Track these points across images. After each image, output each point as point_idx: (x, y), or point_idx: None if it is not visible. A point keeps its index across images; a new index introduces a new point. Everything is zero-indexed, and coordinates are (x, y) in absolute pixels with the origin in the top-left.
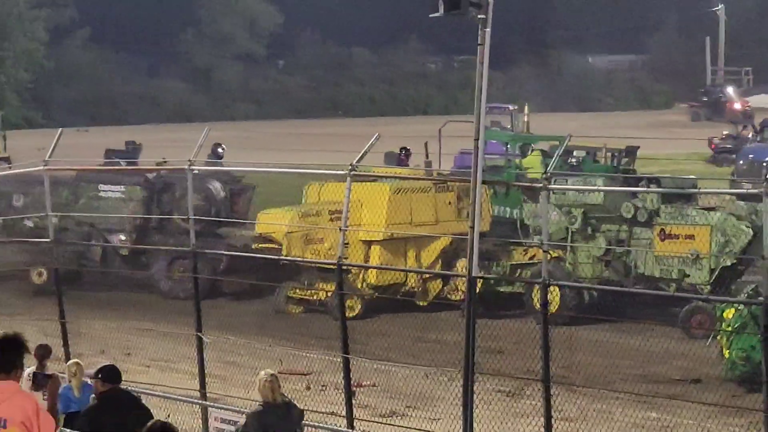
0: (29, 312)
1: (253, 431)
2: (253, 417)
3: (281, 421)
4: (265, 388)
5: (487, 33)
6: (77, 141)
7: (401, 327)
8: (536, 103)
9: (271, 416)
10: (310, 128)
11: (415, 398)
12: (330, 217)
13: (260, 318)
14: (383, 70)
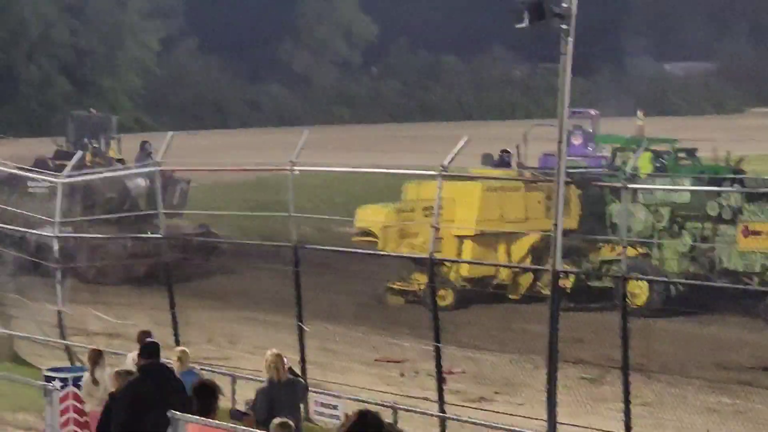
0: (140, 302)
1: (261, 405)
2: (261, 393)
3: (286, 395)
4: (271, 368)
5: (569, 42)
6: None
7: (490, 317)
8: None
9: (276, 392)
10: (402, 131)
11: (502, 384)
12: (424, 213)
13: (358, 308)
14: (471, 76)
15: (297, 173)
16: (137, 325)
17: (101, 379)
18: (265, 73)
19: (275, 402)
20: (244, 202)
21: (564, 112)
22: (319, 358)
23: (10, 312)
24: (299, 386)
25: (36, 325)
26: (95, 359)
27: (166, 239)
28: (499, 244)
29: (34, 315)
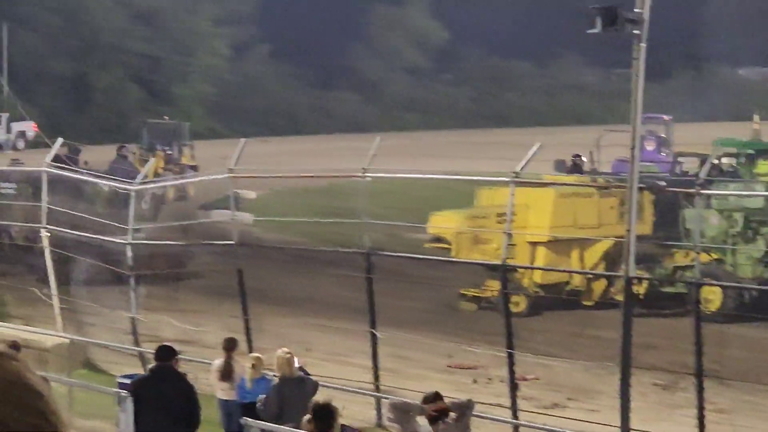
0: (214, 310)
1: (273, 402)
2: (273, 390)
3: (296, 392)
4: (283, 365)
5: (642, 48)
6: (258, 150)
7: (563, 324)
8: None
9: (287, 388)
10: (474, 137)
11: (575, 391)
12: (497, 219)
13: (431, 315)
14: (543, 82)
15: (369, 179)
16: (210, 331)
17: None
18: (337, 80)
19: (286, 399)
20: (316, 208)
21: (637, 117)
22: (392, 364)
23: (85, 319)
24: (309, 384)
25: (110, 332)
26: None
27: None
28: (572, 251)
29: (109, 322)
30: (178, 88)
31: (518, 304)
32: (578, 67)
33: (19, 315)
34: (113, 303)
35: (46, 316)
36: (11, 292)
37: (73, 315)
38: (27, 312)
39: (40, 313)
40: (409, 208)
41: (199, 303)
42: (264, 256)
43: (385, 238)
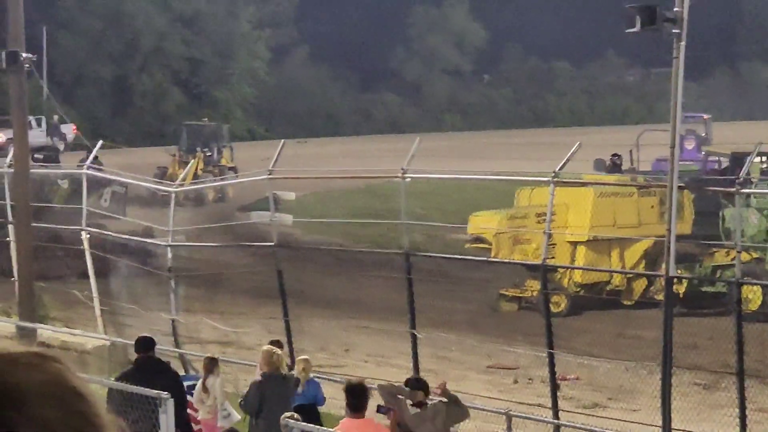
0: (254, 311)
1: (253, 398)
2: (254, 386)
3: (278, 389)
4: (265, 362)
5: (681, 47)
6: (297, 152)
7: (603, 323)
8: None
9: (270, 385)
10: (514, 138)
11: (616, 391)
12: (537, 219)
13: (471, 315)
14: (583, 83)
15: (408, 180)
16: (250, 333)
17: (212, 387)
18: (377, 82)
19: (266, 396)
20: (355, 209)
21: (676, 116)
22: (432, 365)
23: (125, 321)
24: (292, 381)
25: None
26: (209, 367)
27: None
28: (612, 250)
29: (149, 324)
30: (218, 91)
31: (558, 304)
32: (618, 67)
33: (59, 317)
34: (153, 305)
35: (87, 318)
36: (51, 294)
37: (113, 317)
38: (67, 314)
39: (81, 316)
40: (449, 208)
41: (238, 304)
42: (303, 257)
43: (425, 239)
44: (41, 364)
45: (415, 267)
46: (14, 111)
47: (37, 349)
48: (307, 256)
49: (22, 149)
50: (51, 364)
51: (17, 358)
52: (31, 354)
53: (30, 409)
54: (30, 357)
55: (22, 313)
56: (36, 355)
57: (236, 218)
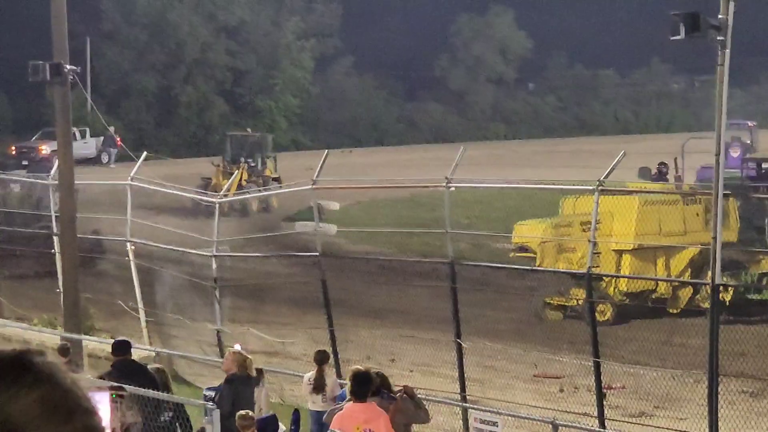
0: (300, 321)
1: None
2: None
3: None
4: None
5: (726, 54)
6: (342, 161)
7: (649, 332)
8: None
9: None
10: (559, 146)
11: (662, 399)
12: (582, 228)
13: (517, 324)
14: (628, 90)
15: (453, 189)
16: (295, 343)
17: (258, 397)
18: (421, 91)
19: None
20: (400, 219)
21: (721, 124)
22: (478, 374)
23: (171, 332)
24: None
25: (196, 344)
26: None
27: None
28: (658, 258)
29: (194, 334)
30: (263, 101)
31: (604, 313)
32: (663, 75)
33: (104, 328)
34: (199, 315)
35: (133, 329)
36: (97, 305)
37: (159, 327)
38: (112, 325)
39: (127, 326)
40: (494, 217)
41: (283, 315)
42: (348, 267)
43: (470, 248)
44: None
45: (460, 276)
46: (58, 123)
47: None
48: (352, 265)
49: (66, 161)
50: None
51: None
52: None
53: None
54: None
55: (68, 325)
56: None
57: (281, 228)
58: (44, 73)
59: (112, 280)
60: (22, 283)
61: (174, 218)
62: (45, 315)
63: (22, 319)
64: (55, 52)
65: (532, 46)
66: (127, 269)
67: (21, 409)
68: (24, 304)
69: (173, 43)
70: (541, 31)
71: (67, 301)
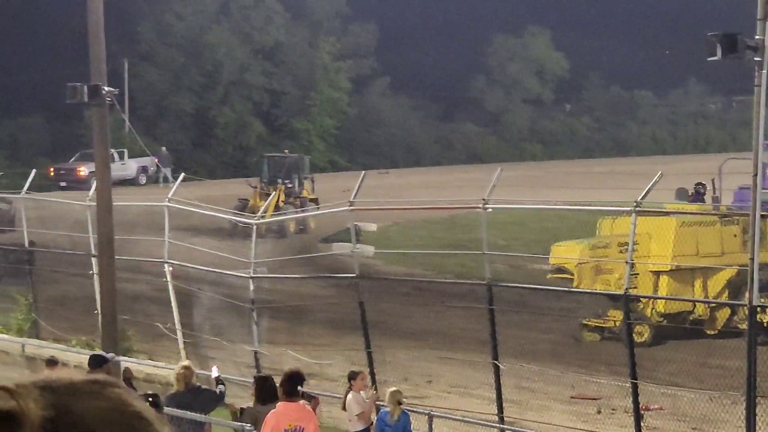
0: (337, 342)
1: None
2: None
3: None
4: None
5: (763, 74)
6: (378, 182)
7: (687, 353)
8: None
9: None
10: (595, 167)
11: (700, 420)
12: (619, 249)
13: (554, 346)
14: (664, 111)
15: (489, 210)
16: (333, 364)
17: None
18: (458, 112)
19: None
20: (437, 240)
21: (759, 144)
22: (516, 396)
23: (208, 353)
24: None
25: (233, 365)
26: None
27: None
28: (695, 279)
29: (232, 356)
30: (299, 122)
31: (641, 334)
32: (700, 95)
33: (143, 350)
34: (236, 336)
35: (171, 351)
36: (134, 326)
37: (196, 349)
38: (151, 347)
39: (165, 348)
40: (531, 239)
41: (321, 336)
42: (385, 288)
43: (507, 269)
44: (102, 391)
45: (497, 297)
46: (96, 144)
47: (96, 376)
48: (389, 287)
49: (104, 182)
50: (111, 390)
51: (79, 387)
52: (92, 382)
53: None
54: (91, 385)
55: (105, 346)
56: (95, 383)
57: (318, 250)
58: (82, 95)
59: (150, 302)
60: (60, 304)
61: (211, 240)
62: (83, 336)
63: (60, 341)
64: (93, 74)
65: (569, 66)
66: (164, 291)
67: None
68: (62, 325)
69: (210, 65)
70: (577, 52)
71: (104, 322)
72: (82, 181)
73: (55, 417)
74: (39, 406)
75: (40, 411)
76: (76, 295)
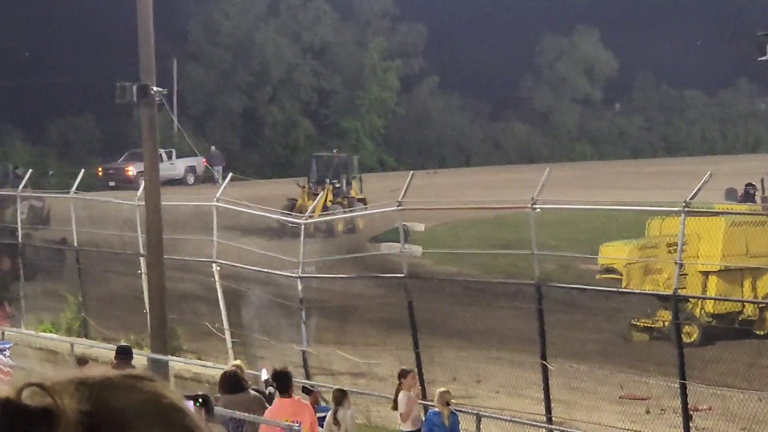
0: (386, 342)
1: None
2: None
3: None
4: None
5: None
6: (427, 182)
7: (736, 353)
8: None
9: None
10: (645, 167)
11: (750, 421)
12: (668, 249)
13: (603, 346)
14: (714, 110)
15: (538, 211)
16: (382, 364)
17: (343, 419)
18: (506, 111)
19: None
20: (485, 240)
21: None
22: (564, 396)
23: (257, 353)
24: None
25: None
26: (339, 399)
27: (408, 278)
28: (745, 279)
29: (280, 355)
30: (348, 122)
31: (690, 334)
32: (750, 95)
33: (191, 349)
34: (284, 336)
35: (219, 350)
36: (183, 326)
37: (244, 348)
38: (200, 346)
39: (213, 347)
40: (580, 239)
41: (369, 335)
42: (433, 288)
43: (557, 269)
44: (137, 384)
45: (546, 297)
46: (145, 144)
47: (130, 371)
48: (438, 287)
49: (153, 182)
50: (146, 383)
51: (114, 382)
52: (126, 376)
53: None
54: (125, 379)
55: (154, 346)
56: (130, 377)
57: (366, 249)
58: (131, 95)
59: (199, 302)
60: (110, 303)
61: (260, 239)
62: (132, 336)
63: (109, 340)
64: (142, 74)
65: (618, 65)
66: (213, 290)
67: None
68: (111, 325)
69: (258, 64)
70: (626, 51)
71: (153, 321)
72: (131, 180)
73: (91, 411)
74: (75, 402)
75: (76, 406)
76: (125, 294)
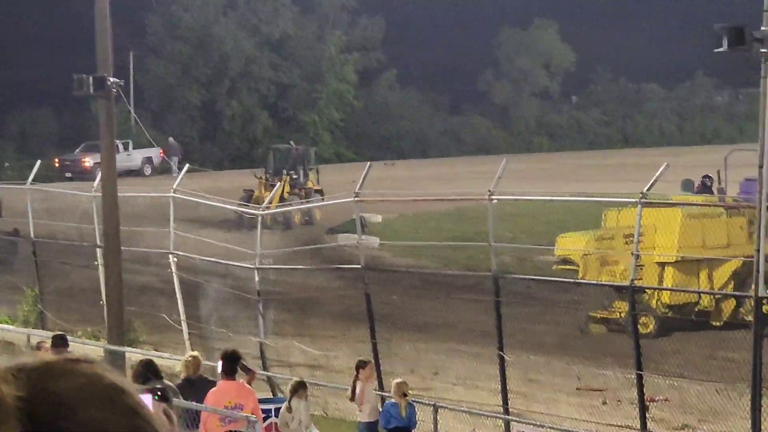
0: (344, 335)
1: None
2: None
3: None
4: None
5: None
6: (385, 174)
7: (692, 345)
8: None
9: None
10: (602, 159)
11: (706, 412)
12: (625, 240)
13: (560, 337)
14: (672, 104)
15: (495, 202)
16: (340, 356)
17: (296, 409)
18: (465, 104)
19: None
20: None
21: (765, 136)
22: (522, 388)
23: (214, 345)
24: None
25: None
26: (294, 389)
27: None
28: (701, 271)
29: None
30: (306, 115)
31: (647, 326)
32: (707, 88)
33: (149, 341)
34: (242, 328)
35: (176, 342)
36: (140, 318)
37: (201, 340)
38: (156, 338)
39: (170, 339)
40: (538, 231)
41: (327, 328)
42: (391, 280)
43: (514, 261)
44: (75, 367)
45: (505, 290)
46: (102, 135)
47: (69, 354)
48: (395, 278)
49: (109, 173)
50: (85, 366)
51: (52, 366)
52: (64, 360)
53: (78, 414)
54: (63, 363)
55: (111, 337)
56: (69, 361)
57: (323, 241)
58: (88, 87)
59: (157, 294)
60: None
61: (217, 231)
62: (89, 327)
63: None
64: (99, 66)
65: (576, 59)
66: (171, 283)
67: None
68: (69, 317)
69: (217, 57)
70: (584, 45)
71: (110, 313)
72: (87, 171)
73: (30, 397)
74: (13, 389)
75: (14, 392)
76: (83, 286)
